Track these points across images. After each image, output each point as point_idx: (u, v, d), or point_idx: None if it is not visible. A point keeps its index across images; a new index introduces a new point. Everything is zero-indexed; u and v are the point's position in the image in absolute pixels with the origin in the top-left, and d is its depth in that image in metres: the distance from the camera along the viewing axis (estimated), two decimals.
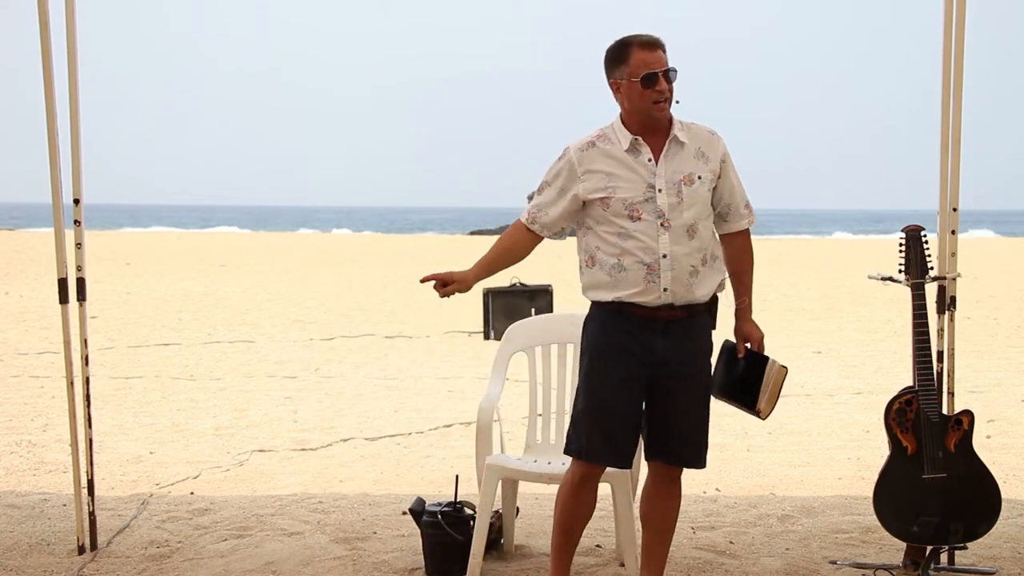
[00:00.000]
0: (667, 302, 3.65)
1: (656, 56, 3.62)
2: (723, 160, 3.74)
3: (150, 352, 11.18)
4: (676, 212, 3.63)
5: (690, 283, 3.67)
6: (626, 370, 3.68)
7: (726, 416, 7.92)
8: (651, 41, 3.64)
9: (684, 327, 3.70)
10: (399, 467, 6.41)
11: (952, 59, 4.28)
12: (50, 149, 4.34)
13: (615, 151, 3.68)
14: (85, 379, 4.51)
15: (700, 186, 3.67)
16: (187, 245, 32.89)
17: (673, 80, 3.64)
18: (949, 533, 4.17)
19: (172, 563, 4.42)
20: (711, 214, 3.76)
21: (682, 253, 3.64)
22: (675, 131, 3.68)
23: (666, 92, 3.62)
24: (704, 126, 3.77)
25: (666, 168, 3.66)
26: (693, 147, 3.70)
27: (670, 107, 3.66)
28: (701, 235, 3.68)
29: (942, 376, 4.32)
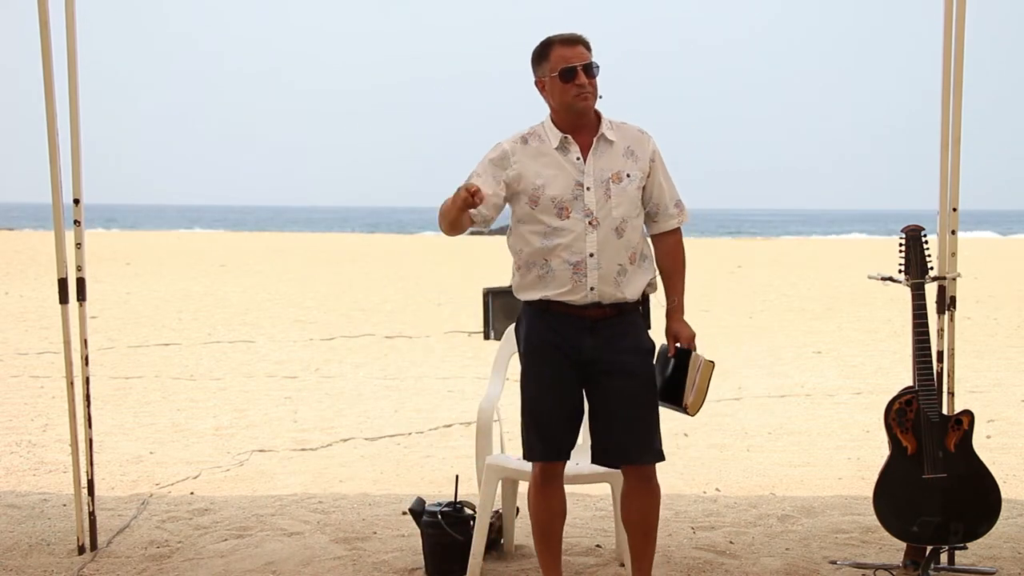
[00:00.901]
0: (594, 300, 3.68)
1: (576, 51, 3.66)
2: (652, 159, 3.73)
3: (150, 352, 11.18)
4: (604, 210, 3.65)
5: (617, 282, 3.68)
6: (555, 369, 3.72)
7: (726, 416, 7.95)
8: (571, 38, 3.69)
9: (613, 325, 3.70)
10: (399, 467, 6.41)
11: (952, 59, 4.28)
12: (50, 149, 4.34)
13: (545, 148, 3.71)
14: (85, 379, 4.51)
15: (628, 184, 3.68)
16: (187, 245, 32.89)
17: (595, 75, 3.67)
18: (949, 533, 4.17)
19: (172, 563, 4.42)
20: (641, 213, 3.74)
21: (610, 252, 3.66)
22: (603, 129, 3.71)
23: (586, 86, 3.64)
24: (634, 125, 3.78)
25: (594, 166, 3.68)
26: (622, 145, 3.71)
27: (593, 102, 3.67)
28: (629, 234, 3.68)
29: (942, 376, 4.32)
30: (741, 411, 8.18)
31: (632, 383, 3.69)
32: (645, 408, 3.73)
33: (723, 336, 12.72)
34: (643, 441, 3.74)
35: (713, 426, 7.60)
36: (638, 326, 3.77)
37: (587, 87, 3.64)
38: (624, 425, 3.71)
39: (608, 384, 3.70)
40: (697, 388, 3.75)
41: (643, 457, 3.76)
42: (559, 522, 3.86)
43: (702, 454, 6.74)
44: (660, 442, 3.79)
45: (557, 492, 3.84)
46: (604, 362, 3.69)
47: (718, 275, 22.55)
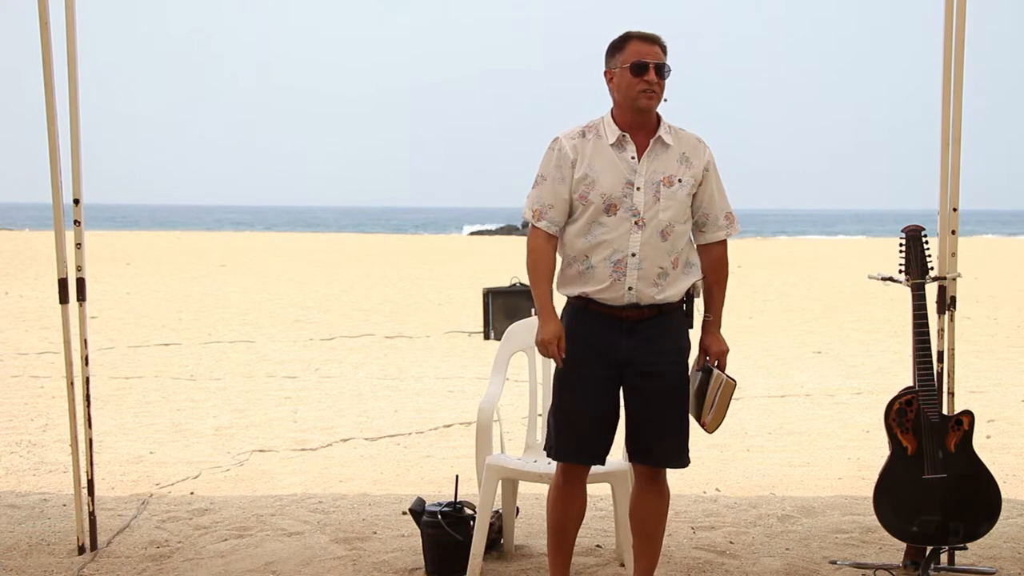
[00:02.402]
0: (632, 301, 3.66)
1: (652, 49, 3.65)
2: (707, 168, 3.72)
3: (150, 352, 11.18)
4: (651, 212, 3.63)
5: (658, 284, 3.66)
6: (592, 369, 3.69)
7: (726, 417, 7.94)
8: (650, 36, 3.67)
9: (652, 326, 3.68)
10: (399, 467, 6.41)
11: (952, 59, 4.28)
12: (50, 149, 4.34)
13: (601, 144, 3.69)
14: (85, 379, 4.51)
15: (679, 189, 3.66)
16: (187, 245, 32.88)
17: (665, 77, 3.64)
18: (949, 533, 4.17)
19: (172, 563, 4.42)
20: (689, 220, 3.72)
21: (653, 253, 3.64)
22: (661, 132, 3.69)
23: (654, 84, 3.62)
24: (693, 133, 3.77)
25: (648, 167, 3.67)
26: (678, 151, 3.70)
27: (657, 103, 3.65)
28: (675, 239, 3.67)
29: (942, 376, 4.32)
30: (741, 411, 8.18)
31: (666, 386, 3.69)
32: (676, 411, 3.72)
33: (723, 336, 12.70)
34: (671, 443, 3.73)
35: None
36: (678, 326, 3.74)
37: (654, 85, 3.63)
38: (654, 427, 3.71)
39: (643, 385, 3.69)
40: (716, 407, 3.72)
41: (671, 461, 3.76)
42: (575, 525, 3.86)
43: (702, 454, 6.73)
44: (687, 447, 3.78)
45: (579, 495, 3.83)
46: (640, 362, 3.67)
47: None
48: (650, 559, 3.83)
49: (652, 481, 3.79)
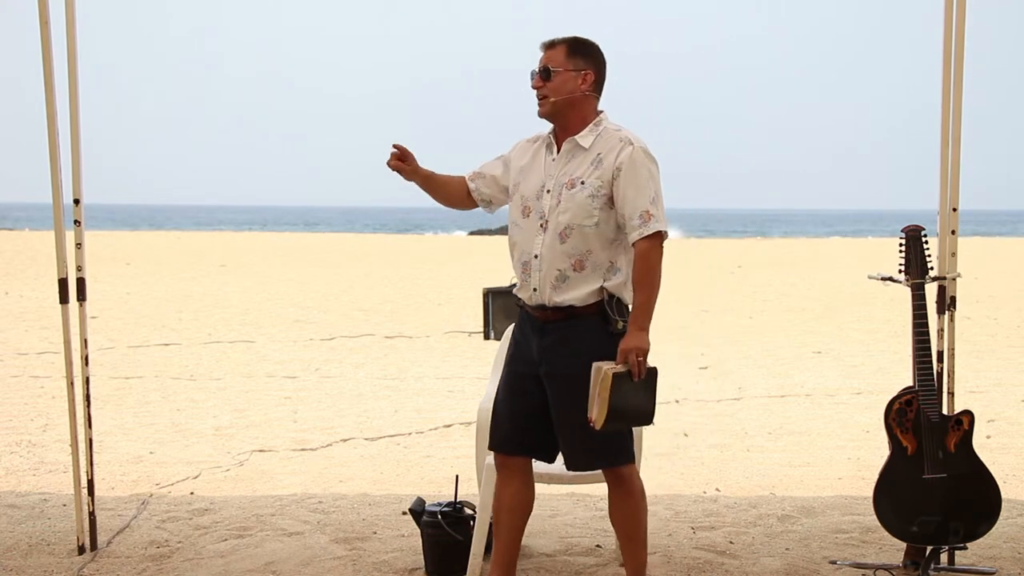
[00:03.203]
0: (539, 302, 3.70)
1: (541, 56, 3.74)
2: (619, 167, 3.63)
3: (150, 352, 11.18)
4: (554, 215, 3.67)
5: (556, 287, 3.67)
6: (516, 364, 3.80)
7: (726, 416, 7.95)
8: (543, 43, 3.76)
9: (561, 329, 3.68)
10: (399, 467, 6.41)
11: (952, 59, 4.28)
12: (50, 149, 4.34)
13: (539, 147, 3.80)
14: (85, 379, 4.51)
15: (580, 191, 3.65)
16: (187, 245, 32.88)
17: (548, 78, 3.68)
18: (949, 533, 4.17)
19: (172, 563, 4.42)
20: (598, 222, 3.65)
21: (551, 255, 3.66)
22: (580, 135, 3.71)
23: (538, 91, 3.71)
24: (626, 133, 3.71)
25: (559, 169, 3.71)
26: (594, 152, 3.69)
27: (548, 106, 3.70)
28: (576, 241, 3.64)
29: (942, 376, 4.32)
30: (741, 411, 8.18)
31: (571, 388, 3.62)
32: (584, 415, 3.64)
33: (723, 336, 12.72)
34: (591, 446, 3.69)
35: (713, 426, 7.61)
36: (593, 332, 3.65)
37: (539, 92, 3.71)
38: (569, 430, 3.69)
39: (552, 388, 3.69)
40: (599, 401, 3.54)
41: (584, 466, 3.74)
42: (510, 517, 3.84)
43: (702, 454, 6.74)
44: (619, 445, 3.71)
45: (511, 486, 3.83)
46: (548, 364, 3.68)
47: (718, 275, 22.55)
48: (636, 560, 3.81)
49: (613, 483, 3.77)
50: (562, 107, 3.69)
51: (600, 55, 3.76)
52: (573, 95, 3.68)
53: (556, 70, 3.68)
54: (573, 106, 3.70)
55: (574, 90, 3.68)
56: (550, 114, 3.71)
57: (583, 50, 3.72)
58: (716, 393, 8.95)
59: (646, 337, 3.60)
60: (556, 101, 3.68)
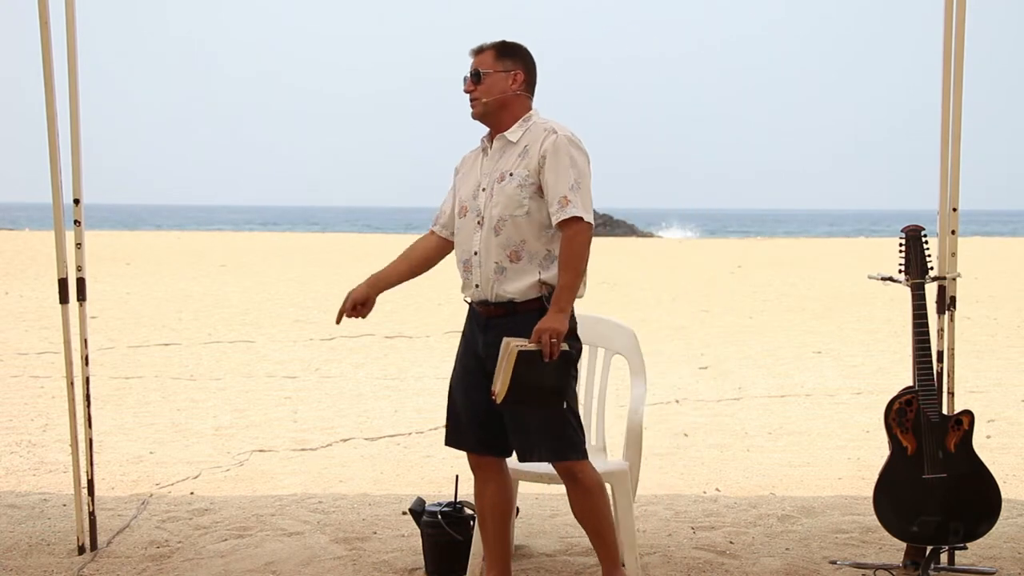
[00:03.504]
0: (482, 298, 3.77)
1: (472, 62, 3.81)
2: (543, 155, 3.68)
3: (150, 352, 11.18)
4: (488, 209, 3.73)
5: (496, 280, 3.71)
6: (463, 361, 3.88)
7: (726, 416, 7.95)
8: (472, 49, 3.84)
9: (503, 323, 3.71)
10: (399, 467, 6.41)
11: (952, 59, 4.28)
12: (50, 149, 4.34)
13: (476, 154, 3.90)
14: (85, 379, 4.51)
15: (509, 183, 3.71)
16: (187, 245, 32.88)
17: (479, 81, 3.76)
18: (949, 533, 4.17)
19: (172, 563, 4.42)
20: (529, 211, 3.69)
21: (489, 249, 3.72)
22: (508, 131, 3.77)
23: (471, 94, 3.78)
24: (549, 124, 3.75)
25: (492, 167, 3.79)
26: (521, 146, 3.75)
27: (480, 108, 3.77)
28: (509, 232, 3.69)
29: (942, 376, 4.32)
30: (741, 411, 8.18)
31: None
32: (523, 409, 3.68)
33: (723, 336, 12.72)
34: (535, 440, 3.71)
35: (713, 426, 7.60)
36: (531, 326, 3.65)
37: (471, 95, 3.79)
38: (514, 424, 3.74)
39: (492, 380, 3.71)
40: (503, 375, 3.56)
41: (531, 455, 3.76)
42: (487, 516, 3.89)
43: (702, 454, 6.74)
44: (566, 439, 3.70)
45: (486, 486, 3.90)
46: (491, 359, 3.70)
47: (718, 275, 22.55)
48: (607, 551, 3.83)
49: (566, 479, 3.79)
50: (494, 107, 3.77)
51: (528, 56, 3.84)
52: (504, 95, 3.77)
53: (486, 72, 3.76)
54: (505, 106, 3.78)
55: (505, 90, 3.77)
56: (482, 115, 3.79)
57: (511, 52, 3.81)
58: (716, 393, 8.95)
59: (564, 319, 3.61)
60: (487, 102, 3.76)
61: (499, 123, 3.80)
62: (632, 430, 4.26)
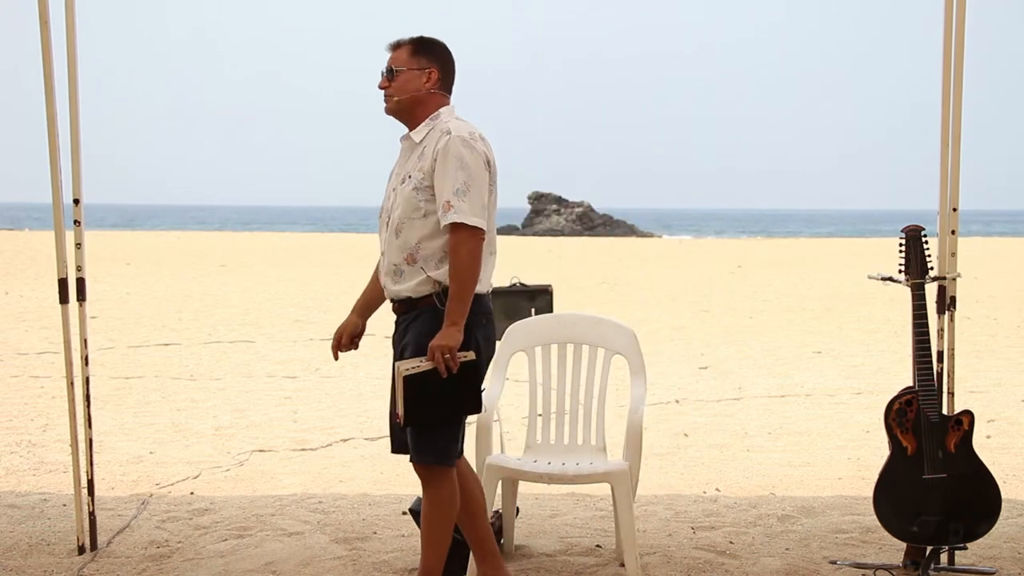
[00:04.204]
0: (390, 297, 3.81)
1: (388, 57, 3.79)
2: (435, 158, 3.66)
3: (150, 352, 11.18)
4: (392, 211, 3.75)
5: (394, 280, 3.74)
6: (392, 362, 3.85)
7: (726, 416, 7.95)
8: (389, 44, 3.82)
9: (406, 321, 3.75)
10: (399, 467, 6.40)
11: (952, 59, 4.28)
12: (50, 149, 4.34)
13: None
14: (85, 379, 4.51)
15: (407, 186, 3.71)
16: (187, 245, 32.88)
17: (392, 78, 3.74)
18: (949, 533, 4.17)
19: (172, 563, 4.42)
20: (426, 214, 3.67)
21: (390, 251, 3.75)
22: (413, 132, 3.77)
23: (385, 91, 3.77)
24: (451, 125, 3.71)
25: (400, 168, 3.80)
26: (422, 147, 3.74)
27: (392, 105, 3.76)
28: (406, 234, 3.70)
29: (942, 376, 4.32)
30: (741, 411, 8.18)
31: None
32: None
33: (723, 336, 12.72)
34: (412, 439, 3.71)
35: (713, 426, 7.60)
36: (428, 323, 3.65)
37: (385, 91, 3.77)
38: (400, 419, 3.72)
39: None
40: (399, 398, 3.58)
41: (413, 456, 3.74)
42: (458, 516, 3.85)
43: (702, 454, 6.74)
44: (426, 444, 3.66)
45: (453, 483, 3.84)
46: (396, 357, 3.75)
47: (718, 275, 22.55)
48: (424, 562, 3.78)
49: (421, 480, 3.76)
50: (407, 105, 3.75)
51: (446, 53, 3.80)
52: (418, 93, 3.74)
53: (400, 69, 3.73)
54: (418, 104, 3.75)
55: (418, 88, 3.74)
56: (395, 112, 3.79)
57: (427, 49, 3.76)
58: (716, 393, 8.95)
59: (456, 333, 3.56)
60: (399, 100, 3.74)
61: (412, 121, 3.78)
62: (632, 430, 4.26)
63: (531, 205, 53.39)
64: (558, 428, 4.59)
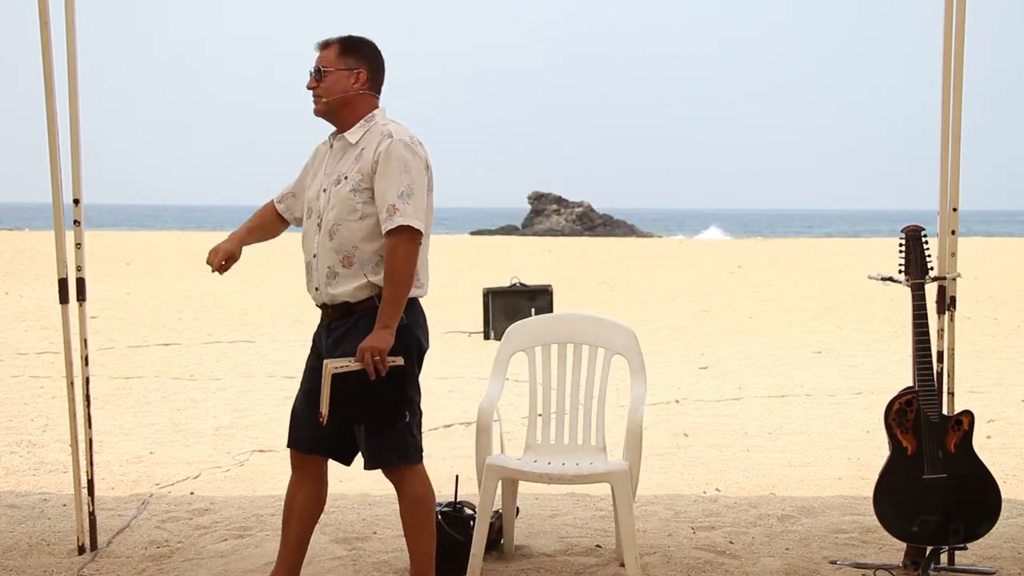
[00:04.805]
0: (323, 301, 3.76)
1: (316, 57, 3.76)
2: (377, 160, 3.63)
3: (150, 352, 11.18)
4: (326, 213, 3.70)
5: (329, 283, 3.70)
6: (311, 360, 3.84)
7: (726, 416, 7.95)
8: (317, 43, 3.78)
9: (344, 326, 3.71)
10: None
11: (952, 59, 4.28)
12: (50, 149, 4.34)
13: (324, 149, 3.85)
14: (85, 379, 4.51)
15: (343, 187, 3.67)
16: (187, 245, 32.85)
17: (321, 78, 3.71)
18: (949, 533, 4.17)
19: (172, 563, 4.42)
20: (363, 216, 3.65)
21: (324, 253, 3.70)
22: (348, 132, 3.73)
23: (313, 91, 3.74)
24: (387, 127, 3.70)
25: (331, 168, 3.75)
26: (359, 148, 3.70)
27: (321, 106, 3.73)
28: (342, 237, 3.66)
29: (942, 376, 4.32)
30: (741, 411, 8.18)
31: None
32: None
33: (723, 336, 12.72)
34: (366, 444, 3.70)
35: (713, 426, 7.60)
36: (368, 329, 3.62)
37: (313, 92, 3.74)
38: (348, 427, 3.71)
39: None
40: (324, 396, 3.56)
41: (367, 461, 3.74)
42: (294, 515, 3.85)
43: (702, 454, 6.74)
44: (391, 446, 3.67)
45: (301, 485, 3.85)
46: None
47: (718, 275, 22.55)
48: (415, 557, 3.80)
49: (394, 484, 3.77)
50: (335, 106, 3.72)
51: (374, 53, 3.77)
52: (346, 94, 3.71)
53: (328, 70, 3.70)
54: (347, 104, 3.72)
55: (347, 89, 3.71)
56: (324, 113, 3.76)
57: (355, 49, 3.74)
58: (716, 393, 8.95)
59: (387, 336, 3.57)
60: (328, 101, 3.71)
61: (342, 122, 3.75)
62: (632, 430, 4.26)
63: (531, 205, 53.42)
64: (558, 428, 4.59)
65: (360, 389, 3.56)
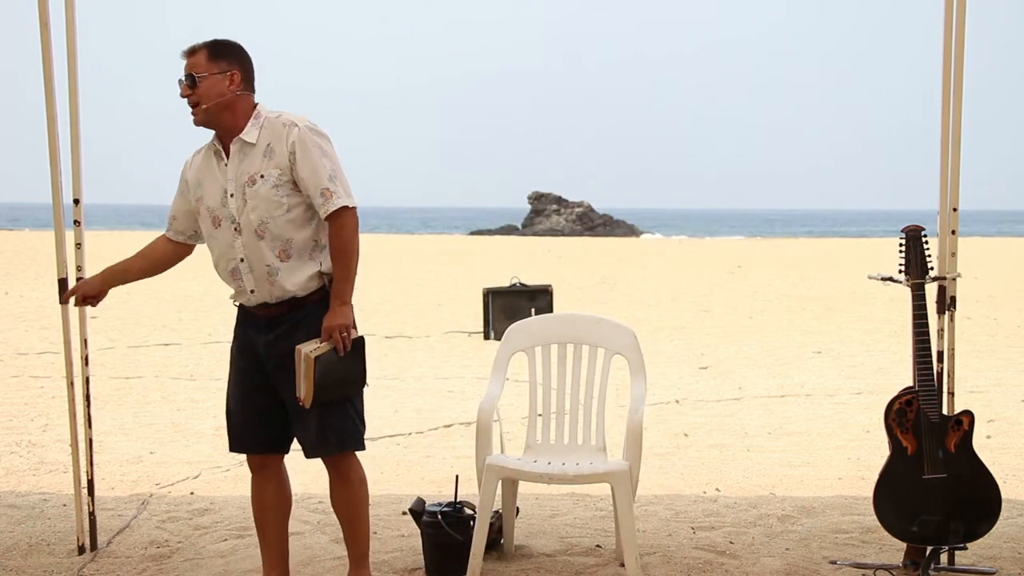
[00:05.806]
0: (260, 301, 3.74)
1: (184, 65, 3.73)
2: (292, 151, 3.65)
3: (150, 352, 11.18)
4: (243, 215, 3.68)
5: (273, 281, 3.69)
6: (241, 363, 3.85)
7: (726, 416, 7.95)
8: (183, 51, 3.75)
9: (288, 320, 3.72)
10: (399, 467, 6.41)
11: (952, 59, 4.28)
12: (50, 149, 4.34)
13: (208, 158, 3.80)
14: (85, 379, 4.51)
15: (262, 186, 3.66)
16: None
17: (195, 85, 3.67)
18: (949, 533, 4.17)
19: (172, 563, 4.42)
20: (289, 208, 3.67)
21: (255, 255, 3.69)
22: (244, 132, 3.70)
23: (188, 100, 3.71)
24: (287, 118, 3.71)
25: (235, 171, 3.71)
26: (263, 145, 3.69)
27: (200, 115, 3.70)
28: (273, 233, 3.67)
29: (942, 376, 4.32)
30: (741, 411, 8.18)
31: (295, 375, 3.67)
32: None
33: (723, 336, 12.72)
34: (316, 432, 3.75)
35: (713, 426, 7.60)
36: (319, 318, 3.68)
37: (189, 101, 3.71)
38: (296, 417, 3.75)
39: (279, 378, 3.73)
40: (305, 382, 3.62)
41: (318, 449, 3.80)
42: (270, 515, 3.92)
43: (702, 454, 6.74)
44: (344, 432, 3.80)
45: (267, 484, 3.92)
46: (276, 359, 3.72)
47: (718, 275, 22.56)
48: (357, 545, 3.90)
49: (332, 469, 3.88)
50: (216, 111, 3.69)
51: (242, 53, 3.77)
52: (223, 97, 3.69)
53: (201, 75, 3.68)
54: (227, 108, 3.70)
55: (223, 92, 3.69)
56: (205, 122, 3.73)
57: (224, 51, 3.73)
58: (716, 393, 8.95)
59: (348, 311, 3.68)
60: (208, 108, 3.69)
61: (228, 126, 3.71)
62: (632, 430, 4.26)
63: (531, 205, 53.45)
64: (558, 428, 4.59)
65: (334, 367, 3.65)
